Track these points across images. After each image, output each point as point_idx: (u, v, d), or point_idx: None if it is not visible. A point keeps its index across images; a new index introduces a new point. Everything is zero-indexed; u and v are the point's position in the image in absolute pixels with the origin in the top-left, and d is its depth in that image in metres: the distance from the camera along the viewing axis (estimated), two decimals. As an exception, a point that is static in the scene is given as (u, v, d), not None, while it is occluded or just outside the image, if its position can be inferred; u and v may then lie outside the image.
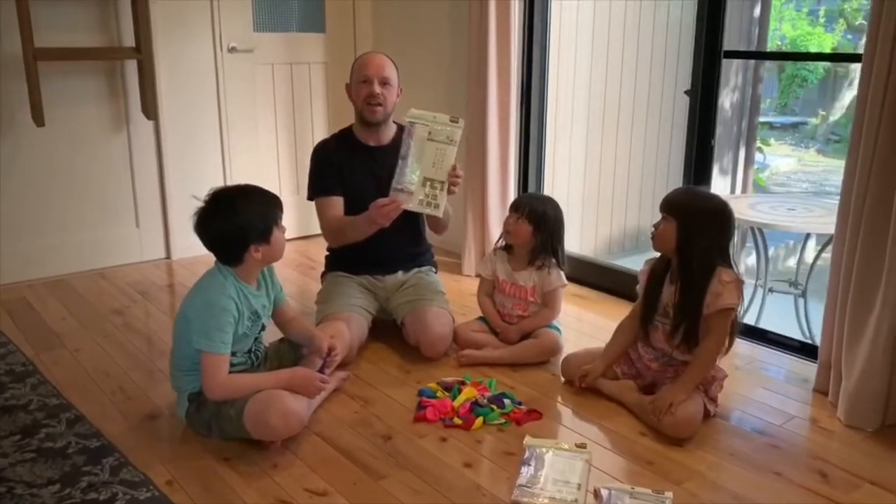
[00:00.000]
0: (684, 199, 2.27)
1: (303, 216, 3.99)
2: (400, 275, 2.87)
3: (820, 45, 8.15)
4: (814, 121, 9.13)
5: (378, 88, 2.70)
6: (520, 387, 2.48)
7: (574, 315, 3.14)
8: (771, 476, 2.00)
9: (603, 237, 5.04)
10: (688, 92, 2.95)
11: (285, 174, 4.15)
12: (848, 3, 8.40)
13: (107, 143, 3.61)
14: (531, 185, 3.70)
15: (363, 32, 4.22)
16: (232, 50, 3.84)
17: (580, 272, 3.42)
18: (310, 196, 2.82)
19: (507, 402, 2.32)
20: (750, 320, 3.46)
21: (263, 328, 2.27)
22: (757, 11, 5.24)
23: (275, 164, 4.12)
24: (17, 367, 2.60)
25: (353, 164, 2.78)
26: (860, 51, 2.24)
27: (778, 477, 1.99)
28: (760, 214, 3.88)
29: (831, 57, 9.12)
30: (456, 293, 3.25)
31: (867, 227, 2.19)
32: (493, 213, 3.54)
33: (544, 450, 2.04)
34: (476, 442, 2.16)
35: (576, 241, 4.56)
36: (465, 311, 3.03)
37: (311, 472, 1.99)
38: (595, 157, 4.84)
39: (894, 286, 2.13)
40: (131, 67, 3.55)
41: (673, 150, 5.03)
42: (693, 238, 2.18)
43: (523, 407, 2.33)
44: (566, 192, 4.54)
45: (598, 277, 3.46)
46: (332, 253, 2.93)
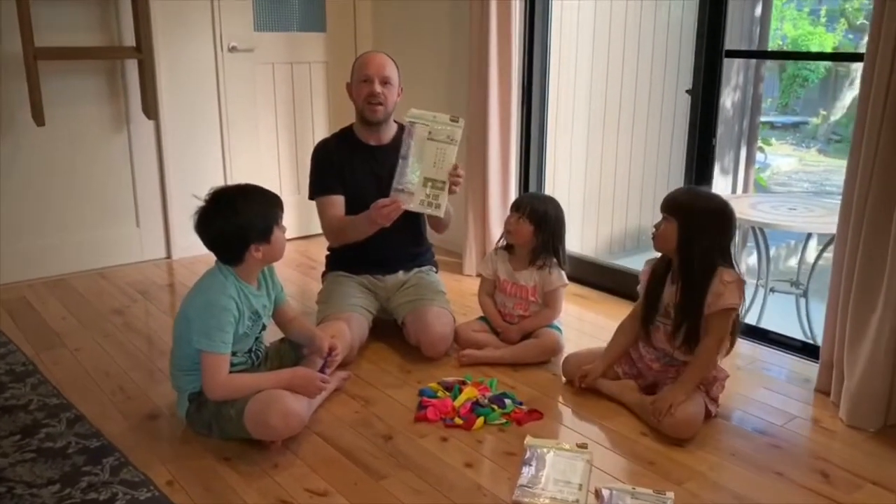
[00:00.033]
0: (685, 198, 2.25)
1: (303, 216, 3.99)
2: (401, 274, 2.86)
3: (821, 45, 8.14)
4: (815, 120, 9.13)
5: (379, 88, 2.70)
6: (521, 387, 2.48)
7: (575, 315, 3.13)
8: (772, 476, 1.99)
9: (604, 237, 5.03)
10: (689, 91, 2.95)
11: (286, 174, 4.15)
12: (849, 3, 8.39)
13: (107, 142, 3.61)
14: (532, 184, 3.70)
15: (364, 32, 4.22)
16: (232, 49, 3.83)
17: (581, 272, 3.42)
18: (311, 195, 2.81)
19: (507, 401, 2.32)
20: (751, 320, 3.46)
21: (264, 328, 2.27)
22: (758, 11, 5.23)
23: (275, 163, 4.12)
24: (17, 366, 2.60)
25: (354, 164, 2.78)
26: (861, 50, 2.23)
27: (779, 477, 1.99)
28: (762, 214, 3.87)
29: (833, 56, 9.11)
30: (457, 293, 3.25)
31: (869, 227, 2.19)
32: (493, 212, 3.54)
33: (545, 450, 2.03)
34: (477, 442, 2.16)
35: (577, 241, 4.56)
36: (466, 310, 3.03)
37: (311, 472, 1.99)
38: (596, 157, 4.84)
39: (896, 286, 2.13)
40: (132, 67, 3.54)
41: (674, 150, 5.03)
42: (694, 238, 2.17)
43: (524, 407, 2.32)
44: (567, 191, 4.54)
45: (599, 277, 3.46)
46: (333, 253, 2.93)
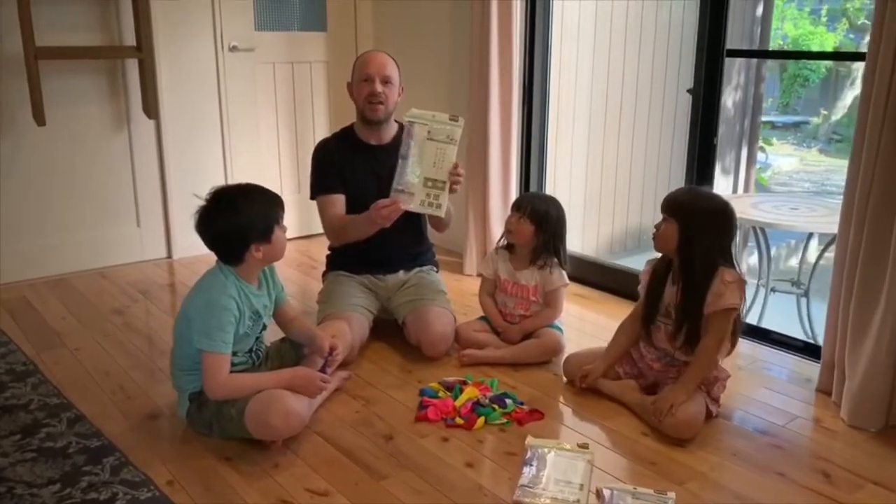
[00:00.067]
0: (685, 199, 2.25)
1: (304, 215, 3.99)
2: (401, 274, 2.86)
3: (822, 45, 8.13)
4: (815, 120, 9.12)
5: (379, 87, 2.69)
6: (521, 387, 2.48)
7: (576, 315, 3.13)
8: (774, 476, 1.99)
9: (605, 236, 5.03)
10: (690, 91, 2.95)
11: (286, 173, 4.15)
12: (850, 3, 8.38)
13: (108, 142, 3.61)
14: (533, 184, 3.69)
15: (364, 32, 4.22)
16: (233, 49, 3.83)
17: (582, 272, 3.42)
18: (312, 195, 2.81)
19: (508, 401, 2.31)
20: (752, 320, 3.46)
21: (265, 328, 2.27)
22: (759, 10, 5.23)
23: (276, 163, 4.11)
24: (17, 366, 2.60)
25: (355, 163, 2.78)
26: (862, 50, 2.23)
27: (781, 477, 1.99)
28: (763, 214, 3.87)
29: (834, 56, 9.09)
30: (457, 293, 3.24)
31: (871, 227, 2.18)
32: (494, 212, 3.54)
33: (546, 450, 2.03)
34: (478, 442, 2.15)
35: (577, 241, 4.55)
36: (467, 310, 3.02)
37: (312, 472, 1.99)
38: (597, 157, 4.83)
39: (898, 286, 2.12)
40: (132, 66, 3.54)
41: (675, 149, 5.02)
42: (694, 238, 2.16)
43: (525, 407, 2.32)
44: (568, 191, 4.53)
45: (600, 277, 3.45)
46: (334, 252, 2.92)
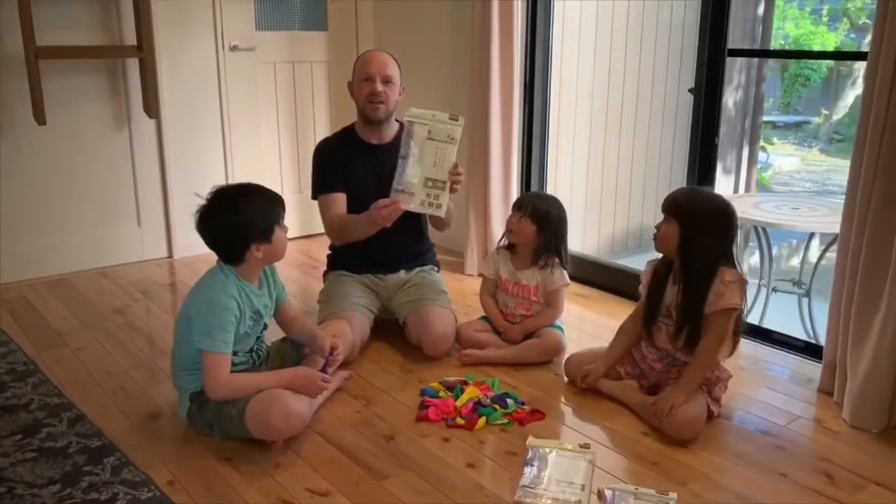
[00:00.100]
0: (686, 199, 2.24)
1: (305, 215, 3.99)
2: (402, 274, 2.86)
3: (823, 45, 8.12)
4: (817, 120, 9.11)
5: (380, 86, 2.69)
6: (523, 387, 2.47)
7: (577, 315, 3.12)
8: (776, 477, 1.99)
9: (606, 236, 5.02)
10: (692, 90, 2.94)
11: (287, 173, 4.14)
12: (851, 3, 8.37)
13: (108, 141, 3.61)
14: (534, 183, 3.69)
15: (365, 31, 4.21)
16: (234, 48, 3.83)
17: (583, 271, 3.41)
18: (314, 195, 2.81)
19: (509, 401, 2.31)
20: (753, 320, 3.45)
21: (265, 327, 2.26)
22: (761, 10, 5.22)
23: (277, 162, 4.11)
24: (18, 366, 2.59)
25: (356, 162, 2.77)
26: (864, 49, 2.22)
27: (783, 478, 1.98)
28: (765, 213, 3.86)
29: (836, 55, 9.08)
30: (458, 292, 3.24)
31: (872, 227, 2.18)
32: (495, 211, 3.53)
33: (547, 450, 2.03)
34: (479, 442, 2.15)
35: (579, 241, 4.55)
36: (468, 310, 3.02)
37: (313, 472, 1.98)
38: (598, 156, 4.83)
39: (900, 286, 2.12)
40: (133, 66, 3.54)
41: (676, 149, 5.02)
42: (695, 239, 2.16)
43: (526, 407, 2.32)
44: (569, 190, 4.53)
45: (601, 277, 3.45)
46: (334, 252, 2.92)
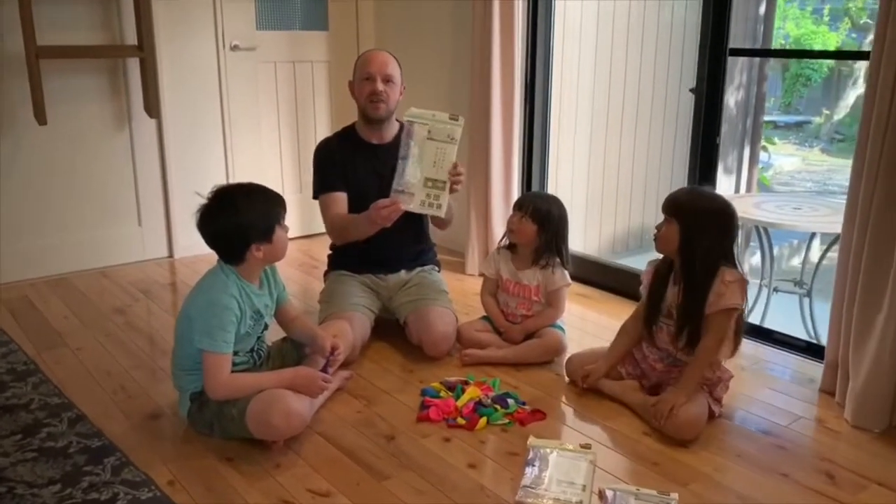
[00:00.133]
0: (686, 199, 2.23)
1: (305, 215, 3.98)
2: (403, 274, 2.85)
3: (824, 44, 8.12)
4: (818, 120, 9.11)
5: (381, 86, 2.69)
6: (523, 387, 2.47)
7: (578, 314, 3.12)
8: (777, 477, 1.98)
9: (607, 236, 5.02)
10: (693, 90, 2.94)
11: (288, 172, 4.14)
12: (853, 2, 8.36)
13: (109, 141, 3.60)
14: (535, 183, 3.68)
15: (366, 31, 4.21)
16: (234, 48, 3.82)
17: (584, 271, 3.40)
18: (314, 194, 2.81)
19: (510, 402, 2.31)
20: (755, 320, 3.45)
21: (266, 327, 2.26)
22: (762, 9, 5.21)
23: (277, 162, 4.11)
24: (18, 365, 2.59)
25: (356, 162, 2.77)
26: (865, 49, 2.21)
27: (784, 478, 1.98)
28: (766, 213, 3.86)
29: (838, 55, 9.07)
30: (459, 292, 3.24)
31: (875, 227, 2.17)
32: (496, 211, 3.53)
33: (548, 450, 2.02)
34: (480, 442, 2.15)
35: (580, 240, 4.55)
36: (469, 310, 3.02)
37: (313, 473, 1.98)
38: (599, 156, 4.82)
39: (902, 286, 2.11)
40: (133, 65, 3.54)
41: (677, 149, 5.01)
42: (695, 239, 2.15)
43: (527, 407, 2.31)
44: (570, 190, 4.52)
45: (602, 277, 3.45)
46: (335, 252, 2.92)
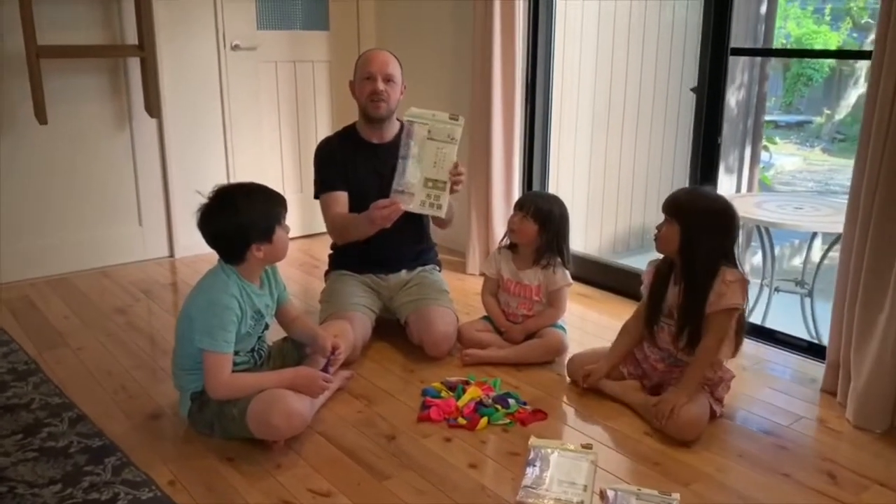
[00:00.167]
0: (687, 200, 2.22)
1: (306, 214, 3.98)
2: (403, 274, 2.85)
3: (825, 44, 8.11)
4: (819, 119, 9.10)
5: (382, 85, 2.68)
6: (525, 387, 2.47)
7: (579, 314, 3.12)
8: (779, 477, 1.98)
9: (608, 236, 5.01)
10: (694, 89, 2.93)
11: (289, 172, 4.14)
12: (854, 2, 8.35)
13: (109, 140, 3.60)
14: (536, 183, 3.68)
15: (367, 31, 4.21)
16: (235, 48, 3.82)
17: (585, 271, 3.40)
18: (316, 194, 2.80)
19: (511, 402, 2.30)
20: (756, 320, 3.44)
21: (267, 327, 2.26)
22: (763, 9, 5.21)
23: (278, 162, 4.11)
24: (19, 365, 2.59)
25: (357, 162, 2.77)
26: (866, 48, 2.21)
27: (786, 478, 1.97)
28: (767, 213, 3.86)
29: (841, 54, 9.06)
30: (460, 292, 3.23)
31: (876, 227, 2.17)
32: (497, 211, 3.53)
33: (549, 450, 2.02)
34: (481, 442, 2.14)
35: (581, 240, 4.54)
36: (470, 310, 3.01)
37: (314, 473, 1.98)
38: (600, 155, 4.81)
39: (904, 286, 2.11)
40: (134, 65, 3.54)
41: (679, 148, 5.00)
42: (696, 239, 2.15)
43: (528, 407, 2.31)
44: (571, 190, 4.51)
45: (603, 276, 3.44)
46: (336, 251, 2.92)
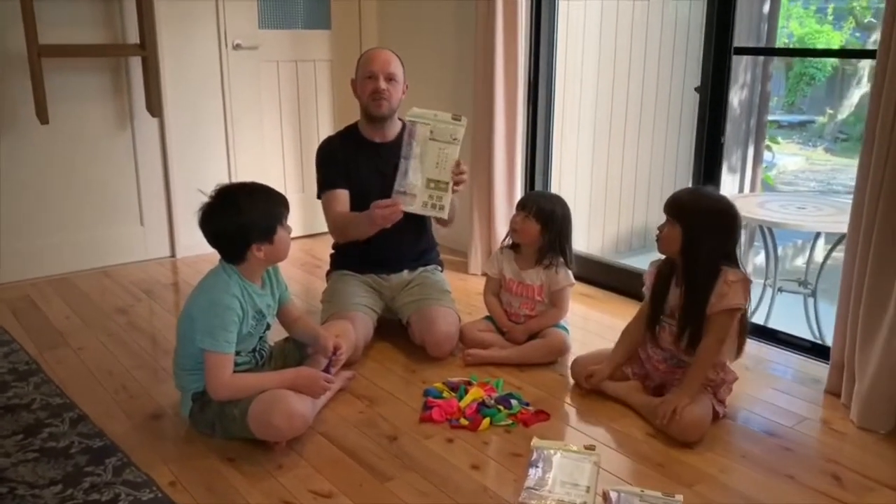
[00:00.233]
0: (688, 200, 2.21)
1: (308, 214, 3.97)
2: (405, 274, 2.84)
3: (828, 43, 8.11)
4: (821, 119, 9.09)
5: (383, 84, 2.68)
6: (527, 387, 2.46)
7: (581, 314, 3.11)
8: (783, 479, 1.97)
9: (610, 236, 5.00)
10: (697, 89, 2.92)
11: (290, 172, 4.13)
12: (857, 1, 8.34)
13: (111, 140, 3.60)
14: (538, 183, 3.67)
15: (369, 30, 4.20)
16: (237, 47, 3.81)
17: (587, 271, 3.39)
18: (318, 194, 2.79)
19: (514, 402, 2.30)
20: (759, 320, 3.43)
21: (268, 327, 2.25)
22: (766, 8, 5.19)
23: (280, 161, 4.10)
24: (20, 365, 2.59)
25: (359, 161, 2.76)
26: (870, 48, 2.20)
27: (790, 480, 1.96)
28: (770, 213, 3.84)
29: (844, 53, 9.05)
30: (462, 292, 3.23)
31: (881, 227, 2.16)
32: (499, 211, 3.52)
33: (552, 451, 2.01)
34: (483, 443, 2.14)
35: (583, 240, 4.53)
36: (472, 310, 3.01)
37: (316, 473, 1.97)
38: (603, 155, 4.81)
39: (909, 286, 2.10)
40: (135, 64, 3.53)
41: (681, 148, 4.99)
42: (698, 240, 2.14)
43: (531, 408, 2.30)
44: (573, 190, 4.51)
45: (606, 276, 3.43)
46: (338, 251, 2.91)
